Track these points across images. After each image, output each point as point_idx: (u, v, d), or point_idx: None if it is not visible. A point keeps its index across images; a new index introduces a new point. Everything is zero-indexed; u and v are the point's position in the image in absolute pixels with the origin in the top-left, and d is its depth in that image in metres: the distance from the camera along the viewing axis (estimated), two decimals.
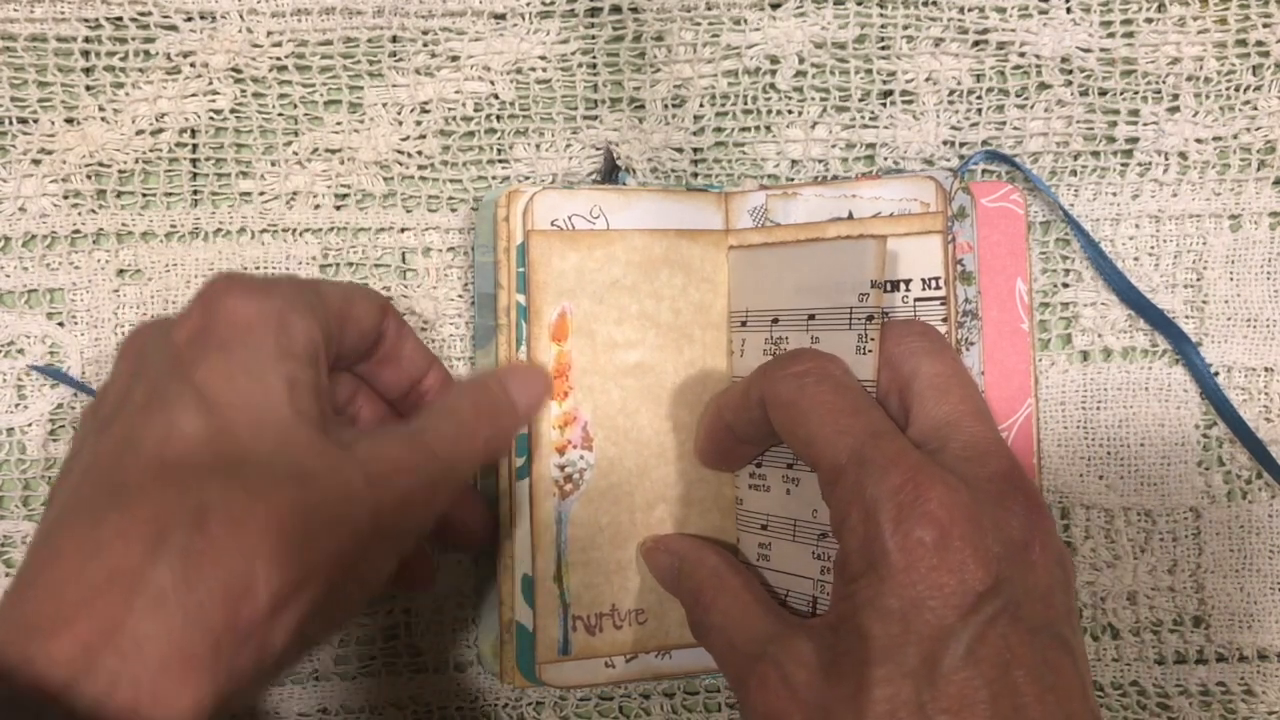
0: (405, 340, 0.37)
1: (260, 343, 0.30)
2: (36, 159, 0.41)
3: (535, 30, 0.42)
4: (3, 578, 0.41)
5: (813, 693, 0.30)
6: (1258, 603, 0.43)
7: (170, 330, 0.30)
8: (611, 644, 0.39)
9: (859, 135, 0.43)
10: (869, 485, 0.30)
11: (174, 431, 0.28)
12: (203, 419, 0.28)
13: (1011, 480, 0.31)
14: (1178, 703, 0.43)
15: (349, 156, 0.42)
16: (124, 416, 0.29)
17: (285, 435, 0.29)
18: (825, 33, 0.42)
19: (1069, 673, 0.29)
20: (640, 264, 0.39)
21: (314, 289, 0.33)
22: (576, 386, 0.39)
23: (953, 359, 0.35)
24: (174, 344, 0.30)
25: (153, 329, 0.32)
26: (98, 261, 0.41)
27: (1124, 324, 0.43)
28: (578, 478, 0.39)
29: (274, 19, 0.41)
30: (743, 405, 0.36)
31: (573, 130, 0.42)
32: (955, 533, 0.29)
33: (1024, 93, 0.43)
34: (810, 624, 0.32)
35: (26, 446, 0.41)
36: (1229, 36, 0.42)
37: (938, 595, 0.28)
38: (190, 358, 0.29)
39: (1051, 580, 0.30)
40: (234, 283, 0.31)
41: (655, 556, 0.39)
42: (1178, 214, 0.43)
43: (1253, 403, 0.43)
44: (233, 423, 0.28)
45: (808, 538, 0.36)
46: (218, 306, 0.30)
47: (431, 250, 0.42)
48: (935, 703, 0.28)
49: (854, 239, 0.37)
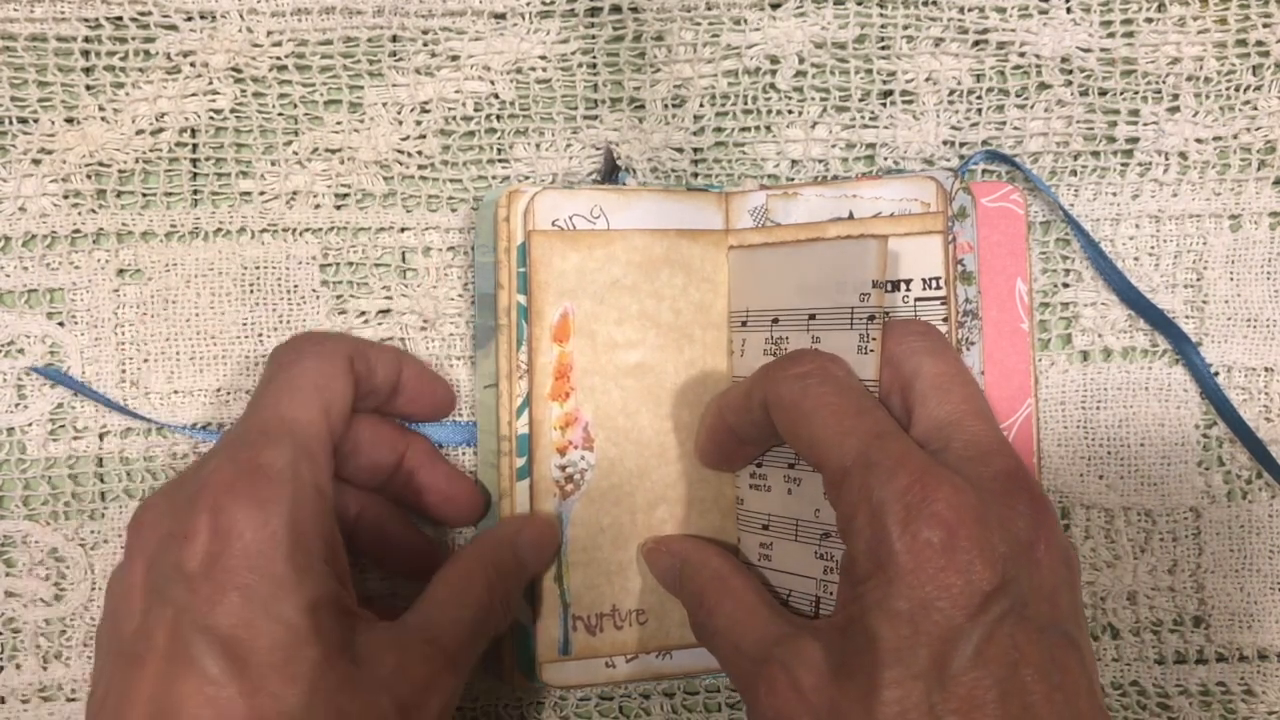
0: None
1: (275, 570, 0.30)
2: (36, 159, 0.41)
3: (535, 30, 0.42)
4: (3, 577, 0.41)
5: (822, 695, 0.30)
6: (1258, 603, 0.43)
7: (182, 553, 0.30)
8: (612, 644, 0.39)
9: (859, 135, 0.43)
10: (875, 487, 0.30)
11: (206, 695, 0.29)
12: (235, 680, 0.29)
13: (1016, 479, 0.31)
14: (1178, 703, 0.43)
15: (349, 156, 0.42)
16: (151, 665, 0.30)
17: (316, 680, 0.30)
18: (825, 33, 0.42)
19: (1076, 671, 0.29)
20: (641, 264, 0.39)
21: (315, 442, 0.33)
22: (577, 387, 0.38)
23: (954, 358, 0.35)
24: (187, 574, 0.30)
25: (162, 536, 0.31)
26: (98, 261, 0.41)
27: (1124, 324, 0.43)
28: (579, 478, 0.39)
29: (274, 18, 0.41)
30: (744, 407, 0.36)
31: (573, 130, 0.42)
32: (962, 533, 0.29)
33: (1024, 93, 0.43)
34: (818, 626, 0.32)
35: (26, 446, 0.41)
36: (1229, 36, 0.42)
37: (946, 596, 0.28)
38: (207, 596, 0.30)
39: (1057, 579, 0.30)
40: (238, 485, 0.31)
41: (657, 558, 0.39)
42: (1178, 214, 0.43)
43: (1253, 403, 0.43)
44: (264, 678, 0.29)
45: (810, 537, 0.36)
46: (226, 527, 0.30)
47: (431, 250, 0.42)
48: (945, 703, 0.28)
49: (855, 239, 0.37)
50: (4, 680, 0.41)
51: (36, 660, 0.41)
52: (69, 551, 0.41)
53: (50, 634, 0.41)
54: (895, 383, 0.34)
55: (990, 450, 0.32)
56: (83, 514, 0.41)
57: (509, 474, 0.38)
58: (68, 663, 0.41)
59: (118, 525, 0.41)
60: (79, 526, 0.41)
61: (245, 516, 0.30)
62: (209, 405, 0.41)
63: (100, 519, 0.41)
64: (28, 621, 0.41)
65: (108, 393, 0.41)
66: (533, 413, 0.38)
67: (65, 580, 0.41)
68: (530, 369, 0.38)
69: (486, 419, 0.39)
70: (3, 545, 0.41)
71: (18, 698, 0.41)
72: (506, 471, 0.38)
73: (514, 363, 0.38)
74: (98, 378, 0.41)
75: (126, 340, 0.41)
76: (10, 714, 0.41)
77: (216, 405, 0.41)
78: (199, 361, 0.41)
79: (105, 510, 0.41)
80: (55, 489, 0.41)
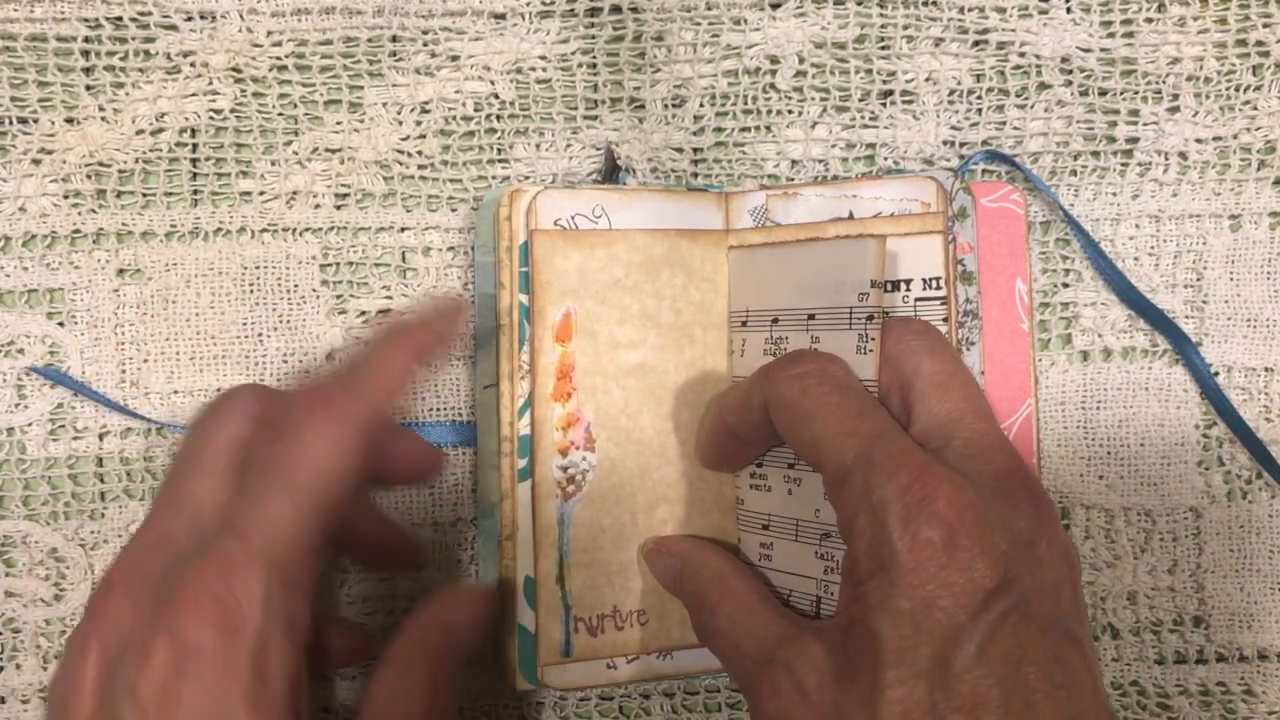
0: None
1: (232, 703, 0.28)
2: (36, 159, 0.41)
3: (535, 30, 0.42)
4: (3, 577, 0.41)
5: (825, 696, 0.30)
6: (1258, 603, 0.43)
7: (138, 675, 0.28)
8: (613, 645, 0.39)
9: (859, 135, 0.43)
10: (876, 487, 0.30)
11: None
12: None
13: (1016, 477, 0.31)
14: (1178, 703, 0.43)
15: (349, 156, 0.42)
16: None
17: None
18: (825, 33, 0.42)
19: (1079, 669, 0.29)
20: (641, 264, 0.39)
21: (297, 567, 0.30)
22: (579, 387, 0.38)
23: (953, 356, 0.35)
24: (140, 702, 0.28)
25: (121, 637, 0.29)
26: (98, 261, 0.41)
27: (1124, 324, 0.43)
28: (580, 479, 0.39)
29: (274, 19, 0.41)
30: (744, 407, 0.36)
31: (573, 130, 0.42)
32: (963, 531, 0.29)
33: (1024, 93, 0.43)
34: (820, 626, 0.32)
35: (26, 446, 0.41)
36: (1229, 36, 0.42)
37: (948, 594, 0.28)
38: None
39: (1059, 576, 0.30)
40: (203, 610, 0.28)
41: (657, 559, 0.39)
42: (1178, 214, 0.43)
43: (1253, 403, 0.43)
44: None
45: (810, 537, 0.36)
46: (185, 656, 0.28)
47: (431, 250, 0.42)
48: (948, 702, 0.28)
49: (853, 239, 0.37)
50: (4, 680, 0.41)
51: (36, 660, 0.41)
52: (69, 551, 0.41)
53: (50, 634, 0.41)
54: (894, 382, 0.34)
55: (990, 448, 0.32)
56: (83, 514, 0.41)
57: (510, 475, 0.38)
58: None
59: (118, 525, 0.41)
60: (79, 526, 0.41)
61: (208, 648, 0.28)
62: None
63: (100, 519, 0.41)
64: (28, 621, 0.41)
65: (108, 393, 0.41)
66: (535, 413, 0.38)
67: (65, 580, 0.41)
68: (532, 369, 0.38)
69: (486, 419, 0.39)
70: (3, 545, 0.41)
71: (18, 698, 0.41)
72: (508, 472, 0.38)
73: (516, 363, 0.38)
74: (98, 378, 0.41)
75: (126, 340, 0.41)
76: (10, 714, 0.41)
77: None
78: (199, 361, 0.41)
79: (105, 510, 0.41)
80: (55, 489, 0.41)
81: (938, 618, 0.28)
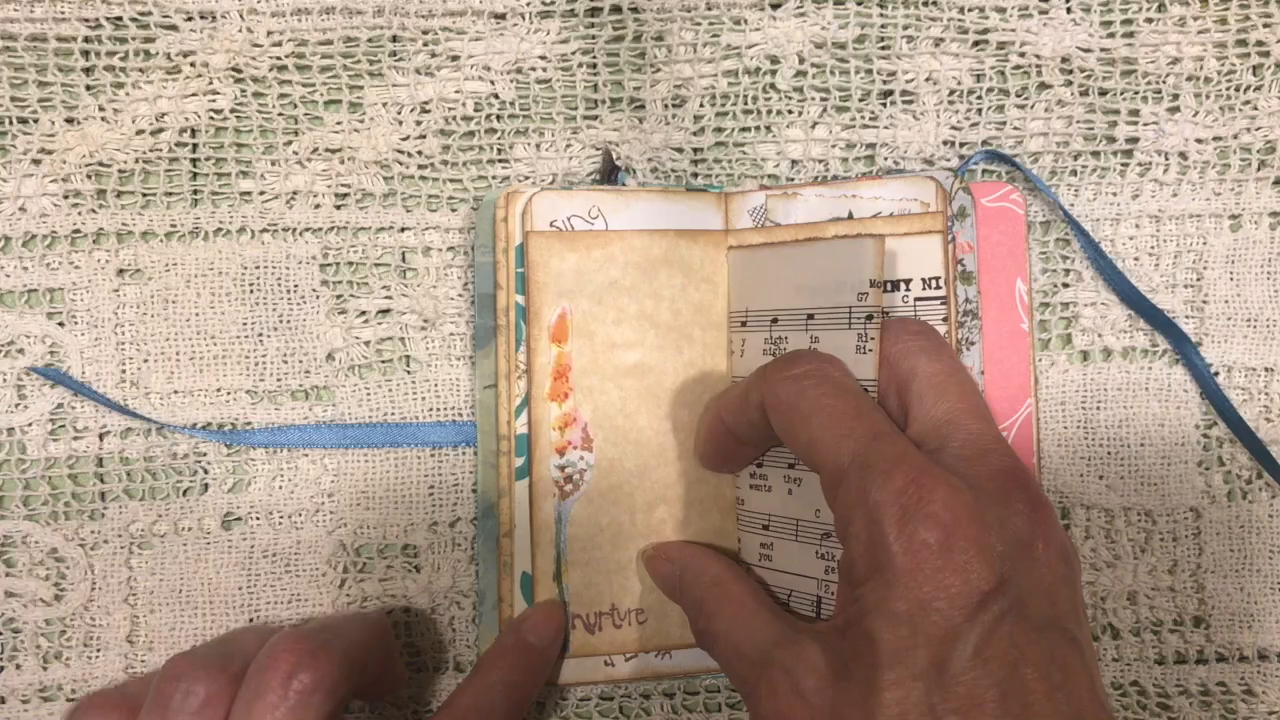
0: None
1: None
2: (36, 159, 0.41)
3: (535, 30, 0.42)
4: (3, 578, 0.41)
5: (823, 698, 0.30)
6: (1258, 603, 0.43)
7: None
8: (611, 643, 0.39)
9: (859, 135, 0.43)
10: (872, 489, 0.30)
11: None
12: None
13: (1013, 477, 0.31)
14: (1178, 703, 0.43)
15: (349, 156, 0.42)
16: None
17: None
18: (825, 33, 0.42)
19: (1077, 669, 0.29)
20: (639, 264, 0.39)
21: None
22: (576, 387, 0.39)
23: (950, 357, 0.35)
24: None
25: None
26: (98, 261, 0.41)
27: (1124, 324, 0.43)
28: (578, 478, 0.39)
29: (274, 19, 0.41)
30: (742, 408, 0.36)
31: (573, 130, 0.42)
32: (959, 533, 0.29)
33: (1024, 93, 0.43)
34: (817, 629, 0.32)
35: (26, 446, 0.41)
36: (1229, 36, 0.42)
37: (944, 596, 0.28)
38: None
39: (1056, 576, 0.30)
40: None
41: (657, 565, 0.39)
42: (1178, 214, 0.43)
43: (1253, 403, 0.43)
44: None
45: (811, 537, 0.36)
46: None
47: (431, 250, 0.42)
48: (945, 704, 0.28)
49: (852, 238, 0.37)
50: (4, 680, 0.41)
51: (36, 660, 0.41)
52: (69, 551, 0.41)
53: (50, 634, 0.41)
54: (892, 382, 0.34)
55: (987, 449, 0.32)
56: (83, 514, 0.41)
57: (508, 473, 0.38)
58: (68, 663, 0.41)
59: (117, 525, 0.41)
60: (79, 526, 0.41)
61: None
62: (209, 405, 0.41)
63: (100, 519, 0.41)
64: (28, 621, 0.41)
65: (108, 393, 0.41)
66: (532, 413, 0.38)
67: (65, 580, 0.41)
68: (529, 369, 0.38)
69: (486, 419, 0.39)
70: (3, 545, 0.41)
71: (18, 698, 0.41)
72: (505, 471, 0.38)
73: (513, 363, 0.38)
74: (98, 378, 0.41)
75: (126, 340, 0.41)
76: (10, 714, 0.41)
77: (216, 405, 0.41)
78: (199, 361, 0.41)
79: (105, 510, 0.41)
80: (55, 489, 0.41)
81: (934, 620, 0.28)
